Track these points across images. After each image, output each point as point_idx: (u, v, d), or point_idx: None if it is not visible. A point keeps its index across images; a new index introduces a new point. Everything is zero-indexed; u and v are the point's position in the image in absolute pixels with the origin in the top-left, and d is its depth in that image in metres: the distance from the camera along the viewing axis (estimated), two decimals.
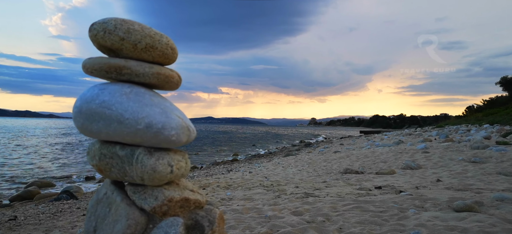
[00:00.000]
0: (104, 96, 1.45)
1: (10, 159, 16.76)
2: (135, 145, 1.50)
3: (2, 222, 5.43)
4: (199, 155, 22.14)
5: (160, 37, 1.54)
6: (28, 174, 12.70)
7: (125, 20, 1.48)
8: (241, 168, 11.95)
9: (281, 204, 4.82)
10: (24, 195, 8.83)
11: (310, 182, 7.03)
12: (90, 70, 1.50)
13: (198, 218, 1.52)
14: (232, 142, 37.81)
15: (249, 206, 4.81)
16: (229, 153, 23.69)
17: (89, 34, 1.48)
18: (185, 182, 1.66)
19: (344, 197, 5.04)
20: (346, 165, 9.40)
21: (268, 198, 5.46)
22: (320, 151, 17.05)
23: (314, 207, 4.47)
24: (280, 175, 8.58)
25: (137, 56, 1.51)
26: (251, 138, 47.91)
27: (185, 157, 1.59)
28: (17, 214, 6.01)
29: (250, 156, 20.04)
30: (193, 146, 29.10)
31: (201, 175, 10.72)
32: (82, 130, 1.52)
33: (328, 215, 4.02)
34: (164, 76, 1.55)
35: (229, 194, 6.05)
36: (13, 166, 14.44)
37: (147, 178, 1.43)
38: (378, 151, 12.11)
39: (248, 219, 4.07)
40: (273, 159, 15.36)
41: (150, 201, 1.47)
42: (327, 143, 28.19)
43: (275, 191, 6.07)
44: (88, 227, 1.53)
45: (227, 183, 7.57)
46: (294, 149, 23.51)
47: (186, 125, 1.50)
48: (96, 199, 1.60)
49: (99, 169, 1.54)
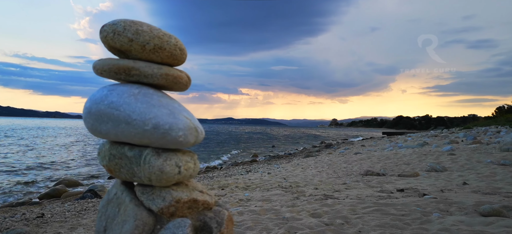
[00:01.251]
0: (112, 97, 1.46)
1: (41, 158, 17.46)
2: (143, 146, 1.50)
3: (30, 219, 5.65)
4: (218, 155, 22.31)
5: (168, 38, 1.53)
6: (57, 173, 13.19)
7: (134, 21, 1.49)
8: (260, 169, 11.94)
9: (300, 206, 4.77)
10: (52, 193, 9.17)
11: (330, 183, 6.92)
12: (100, 71, 1.52)
13: (206, 220, 1.51)
14: (252, 143, 37.86)
15: (267, 207, 4.79)
16: (249, 153, 23.73)
17: (100, 36, 1.50)
18: (194, 183, 1.65)
19: (364, 200, 4.93)
20: (367, 167, 9.20)
21: (286, 199, 5.42)
22: (341, 153, 16.79)
23: (333, 209, 4.39)
24: (299, 176, 8.50)
25: (146, 57, 1.52)
26: (270, 139, 47.82)
27: (193, 158, 1.58)
28: (45, 212, 6.23)
29: (269, 157, 19.99)
30: (211, 146, 29.34)
31: (220, 176, 10.78)
32: (92, 130, 1.54)
33: (347, 217, 3.94)
34: (173, 77, 1.54)
35: (247, 195, 6.05)
36: (43, 165, 15.04)
37: (154, 179, 1.43)
38: (401, 153, 11.78)
39: (266, 220, 4.05)
40: (293, 160, 15.25)
41: (157, 202, 1.47)
42: (348, 144, 27.72)
43: (294, 193, 6.01)
44: (98, 227, 1.56)
45: (246, 183, 7.57)
46: (314, 150, 23.27)
47: (194, 125, 1.49)
48: (107, 199, 1.62)
49: (109, 169, 1.56)
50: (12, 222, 5.55)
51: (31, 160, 16.73)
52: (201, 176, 11.47)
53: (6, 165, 14.51)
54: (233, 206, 5.07)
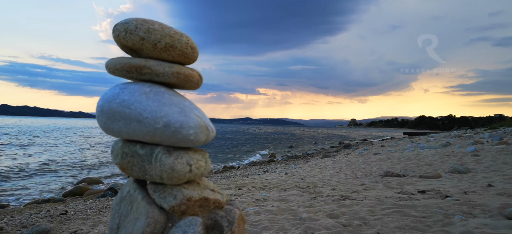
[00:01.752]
0: (124, 95, 1.47)
1: (66, 156, 18.04)
2: (154, 144, 1.50)
3: (54, 216, 5.85)
4: (236, 154, 22.39)
5: (179, 36, 1.53)
6: (80, 171, 13.59)
7: (146, 20, 1.49)
8: (277, 169, 11.90)
9: (317, 206, 4.72)
10: (75, 191, 9.46)
11: (348, 184, 6.81)
12: (113, 70, 1.53)
13: (218, 218, 1.50)
14: (269, 143, 37.82)
15: (283, 207, 4.76)
16: (266, 153, 23.71)
17: (113, 35, 1.51)
18: (206, 181, 1.65)
19: (383, 201, 4.82)
20: (387, 168, 9.00)
21: (303, 199, 5.37)
22: (360, 153, 16.51)
23: (350, 210, 4.32)
24: (317, 176, 8.41)
25: (157, 55, 1.52)
26: (288, 139, 47.62)
27: (205, 156, 1.58)
28: (68, 209, 6.43)
29: (287, 157, 19.90)
30: (229, 146, 29.50)
31: (237, 175, 10.81)
32: (104, 128, 1.55)
33: (365, 218, 3.86)
34: (184, 76, 1.54)
35: (264, 195, 6.03)
36: (68, 163, 15.52)
37: (166, 177, 1.43)
38: (422, 153, 11.47)
39: (282, 220, 4.03)
40: (310, 160, 15.13)
41: (169, 200, 1.47)
42: (367, 145, 27.24)
43: (311, 193, 5.96)
44: (112, 224, 1.58)
45: (263, 183, 7.56)
46: (333, 150, 23.00)
47: (205, 124, 1.49)
48: (120, 197, 1.64)
49: (122, 167, 1.58)
50: (37, 218, 5.75)
51: (58, 158, 17.30)
52: (218, 175, 11.55)
53: (38, 163, 15.07)
54: (249, 206, 5.07)
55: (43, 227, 4.49)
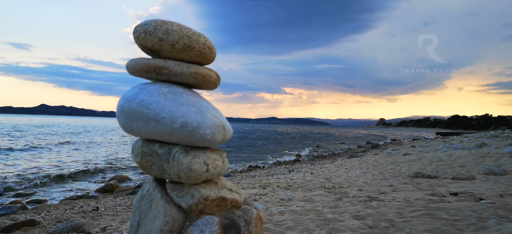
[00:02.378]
0: (143, 95, 1.50)
1: (100, 155, 18.78)
2: (172, 144, 1.52)
3: (86, 212, 6.11)
4: (261, 154, 22.41)
5: (197, 37, 1.55)
6: (112, 169, 14.10)
7: (165, 21, 1.52)
8: (302, 169, 11.80)
9: (342, 207, 4.63)
10: (106, 188, 9.83)
11: (375, 185, 6.64)
12: (132, 70, 1.57)
13: (235, 218, 1.50)
14: (295, 142, 37.57)
15: (308, 207, 4.71)
16: (292, 153, 23.58)
17: (133, 36, 1.55)
18: (223, 181, 1.65)
19: (412, 203, 4.66)
20: (417, 169, 8.69)
21: (328, 200, 5.29)
22: (388, 153, 16.05)
23: (377, 211, 4.21)
24: (343, 177, 8.26)
25: (176, 56, 1.54)
26: (314, 139, 47.10)
27: (222, 156, 1.59)
28: (99, 205, 6.70)
29: (313, 157, 19.69)
30: (254, 146, 29.57)
31: (262, 175, 10.82)
32: (124, 128, 1.59)
33: (393, 221, 3.75)
34: (202, 76, 1.56)
35: (289, 195, 6.00)
36: (102, 161, 16.15)
37: (183, 176, 1.45)
38: (455, 154, 10.98)
39: (307, 220, 3.99)
40: (336, 161, 14.88)
41: (186, 199, 1.48)
42: (396, 145, 26.43)
43: (337, 193, 5.86)
44: (133, 221, 1.62)
45: (288, 183, 7.52)
46: (360, 150, 22.51)
47: (222, 124, 1.49)
48: (141, 195, 1.67)
49: (142, 166, 1.61)
50: (72, 214, 6.03)
51: (93, 156, 18.06)
52: (243, 174, 11.62)
53: (75, 161, 15.81)
54: (274, 206, 5.06)
55: (76, 222, 4.70)
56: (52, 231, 4.54)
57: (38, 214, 6.11)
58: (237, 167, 15.76)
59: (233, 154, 21.67)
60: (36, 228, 5.02)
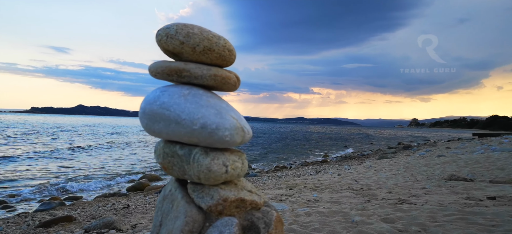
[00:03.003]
0: (164, 98, 1.53)
1: (132, 154, 19.45)
2: (192, 145, 1.55)
3: (118, 209, 6.34)
4: (288, 154, 22.30)
5: (217, 39, 1.56)
6: (142, 168, 14.56)
7: (186, 24, 1.54)
8: (330, 170, 11.61)
9: (371, 210, 4.51)
10: (137, 186, 10.16)
11: (406, 187, 6.41)
12: (154, 73, 1.61)
13: (254, 220, 1.50)
14: (323, 143, 37.07)
15: (335, 209, 4.63)
16: (319, 153, 23.28)
17: (156, 39, 1.59)
18: (244, 182, 1.65)
19: (446, 206, 4.46)
20: (452, 171, 8.30)
21: (356, 202, 5.17)
22: (420, 155, 15.46)
23: (408, 215, 4.06)
24: (372, 178, 8.04)
25: (196, 58, 1.57)
26: (342, 139, 46.25)
27: (241, 157, 1.59)
28: (130, 203, 6.93)
29: (340, 158, 19.33)
30: (281, 146, 29.46)
31: (289, 175, 10.76)
32: (146, 129, 1.63)
33: (425, 225, 3.60)
34: (221, 78, 1.57)
35: (316, 196, 5.92)
36: (134, 160, 16.73)
37: (203, 177, 1.46)
38: (494, 156, 10.39)
39: (334, 222, 3.92)
40: (365, 162, 14.52)
41: (206, 199, 1.50)
42: (430, 146, 25.41)
43: (365, 195, 5.72)
44: (155, 221, 1.65)
45: (315, 184, 7.43)
46: (390, 151, 21.83)
47: (241, 125, 1.50)
48: (163, 195, 1.71)
49: (164, 166, 1.65)
50: (104, 211, 6.28)
51: (126, 154, 18.75)
52: (270, 175, 11.60)
53: (111, 159, 16.50)
54: (300, 207, 5.01)
55: (108, 219, 4.89)
56: (86, 227, 4.75)
57: (74, 211, 6.42)
58: (264, 167, 15.77)
59: (259, 154, 21.72)
60: (73, 224, 5.27)
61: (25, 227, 4.99)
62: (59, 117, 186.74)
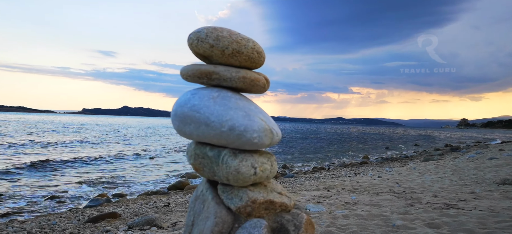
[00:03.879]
0: (194, 100, 1.57)
1: (173, 153, 20.15)
2: (222, 146, 1.56)
3: (159, 207, 6.59)
4: (326, 155, 21.89)
5: (246, 42, 1.57)
6: (182, 167, 15.02)
7: (216, 28, 1.57)
8: (369, 171, 11.22)
9: (414, 214, 4.30)
10: (177, 185, 10.49)
11: (453, 191, 6.03)
12: (185, 76, 1.66)
13: (284, 222, 1.48)
14: (363, 144, 35.96)
15: (375, 212, 4.47)
16: (358, 155, 22.61)
17: (187, 43, 1.62)
18: (274, 184, 1.64)
19: (498, 212, 4.14)
20: (505, 175, 7.68)
21: (398, 205, 4.96)
22: (470, 157, 14.47)
23: (455, 220, 3.82)
24: (415, 181, 7.66)
25: (225, 61, 1.59)
26: (383, 140, 44.56)
27: (271, 159, 1.58)
28: (170, 201, 7.17)
29: (381, 159, 18.62)
30: (320, 146, 28.99)
31: (326, 177, 10.55)
32: (178, 131, 1.68)
33: (474, 231, 3.37)
34: (250, 80, 1.58)
35: (354, 198, 5.76)
36: (174, 159, 17.31)
37: (232, 179, 1.48)
38: None
39: (373, 226, 3.79)
40: (408, 164, 13.85)
41: (235, 201, 1.51)
42: (480, 148, 23.71)
43: (408, 199, 5.46)
44: (188, 220, 1.69)
45: (353, 186, 7.22)
46: (436, 153, 20.67)
47: (269, 127, 1.49)
48: (195, 196, 1.74)
49: (195, 167, 1.68)
50: (146, 208, 6.56)
51: (167, 153, 19.47)
52: (307, 176, 11.46)
53: (154, 157, 17.24)
54: (338, 209, 4.90)
55: (150, 216, 5.10)
56: (130, 224, 4.98)
57: (119, 207, 6.77)
58: (301, 168, 15.62)
59: (297, 155, 21.55)
60: (117, 220, 5.56)
61: (76, 222, 5.35)
62: (110, 117, 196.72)
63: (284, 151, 23.61)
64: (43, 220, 5.62)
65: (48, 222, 5.31)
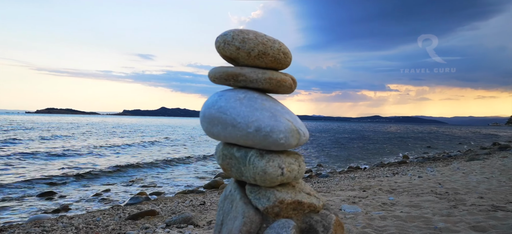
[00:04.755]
0: (221, 102, 1.59)
1: (206, 152, 20.56)
2: (248, 147, 1.58)
3: (195, 205, 6.76)
4: (362, 154, 21.29)
5: (272, 43, 1.57)
6: (218, 167, 15.27)
7: (242, 30, 1.58)
8: (408, 171, 10.75)
9: (457, 216, 4.08)
10: (212, 184, 10.70)
11: (502, 193, 5.64)
12: (213, 78, 1.69)
13: (312, 223, 1.46)
14: (401, 143, 34.57)
15: (415, 214, 4.29)
16: (397, 154, 21.76)
17: (215, 46, 1.65)
18: (302, 184, 1.62)
19: None
20: None
21: (440, 207, 4.72)
22: None
23: (503, 223, 3.58)
24: (459, 182, 7.24)
25: (252, 63, 1.60)
26: (424, 138, 42.55)
27: (298, 160, 1.57)
28: (206, 200, 7.33)
29: (422, 159, 17.79)
30: (355, 146, 28.26)
31: (362, 177, 10.26)
32: (206, 132, 1.71)
33: None
34: (276, 81, 1.58)
35: (392, 199, 5.55)
36: (210, 159, 17.65)
37: (259, 179, 1.48)
38: None
39: (413, 228, 3.64)
40: (452, 163, 13.11)
41: (263, 201, 1.52)
42: None
43: (450, 200, 5.18)
44: (217, 220, 1.71)
45: (391, 186, 6.96)
46: (483, 152, 19.40)
47: (296, 128, 1.48)
48: (224, 195, 1.76)
49: (223, 168, 1.71)
50: (183, 206, 6.75)
51: (202, 153, 19.90)
52: (342, 175, 11.21)
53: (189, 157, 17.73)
54: (375, 210, 4.76)
55: (187, 214, 5.24)
56: (168, 221, 5.15)
57: (157, 205, 7.02)
58: (336, 167, 15.32)
59: (332, 154, 21.17)
60: (156, 217, 5.77)
61: (117, 219, 5.62)
62: (149, 118, 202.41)
63: (318, 150, 23.29)
64: (89, 216, 5.96)
65: (93, 219, 5.63)
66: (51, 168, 12.84)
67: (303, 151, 21.46)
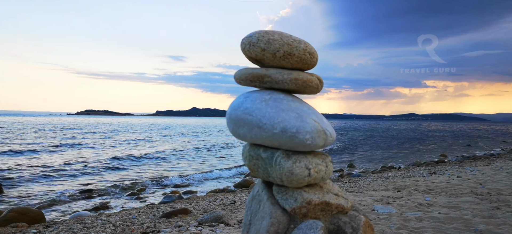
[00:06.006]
0: (247, 103, 1.60)
1: (238, 153, 20.77)
2: (274, 148, 1.57)
3: (226, 204, 6.85)
4: (396, 153, 20.58)
5: (297, 43, 1.56)
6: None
7: (268, 31, 1.58)
8: (447, 171, 10.26)
9: (501, 218, 3.86)
10: (243, 183, 10.80)
11: None
12: (238, 80, 1.70)
13: (341, 224, 1.44)
14: (439, 141, 33.04)
15: (453, 215, 4.10)
16: (434, 153, 20.82)
17: (240, 47, 1.66)
18: (330, 185, 1.60)
19: None
20: None
21: (481, 208, 4.48)
22: None
23: None
24: (503, 182, 6.82)
25: (277, 64, 1.60)
26: (464, 136, 40.41)
27: (326, 160, 1.54)
28: (236, 199, 7.41)
29: (462, 158, 16.91)
30: (389, 144, 27.36)
31: (397, 176, 9.92)
32: (233, 133, 1.72)
33: None
34: (302, 81, 1.57)
35: (429, 199, 5.34)
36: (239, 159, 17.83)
37: (285, 180, 1.48)
38: None
39: (451, 230, 3.49)
40: (495, 163, 12.36)
41: (290, 202, 1.51)
42: None
43: (493, 201, 4.89)
44: (245, 220, 1.72)
45: (428, 186, 6.69)
46: None
47: (322, 128, 1.46)
48: (252, 196, 1.77)
49: (250, 168, 1.72)
50: (214, 205, 6.87)
51: (233, 153, 20.14)
52: (375, 175, 10.90)
53: (221, 157, 18.03)
54: (410, 211, 4.59)
55: (218, 213, 5.32)
56: (200, 220, 5.26)
57: (189, 204, 7.19)
58: (369, 166, 14.92)
59: (364, 153, 20.64)
60: (189, 216, 5.92)
61: (152, 217, 5.82)
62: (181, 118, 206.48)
63: (350, 149, 22.81)
64: (125, 214, 6.22)
65: (129, 216, 5.86)
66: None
67: (333, 150, 21.11)
